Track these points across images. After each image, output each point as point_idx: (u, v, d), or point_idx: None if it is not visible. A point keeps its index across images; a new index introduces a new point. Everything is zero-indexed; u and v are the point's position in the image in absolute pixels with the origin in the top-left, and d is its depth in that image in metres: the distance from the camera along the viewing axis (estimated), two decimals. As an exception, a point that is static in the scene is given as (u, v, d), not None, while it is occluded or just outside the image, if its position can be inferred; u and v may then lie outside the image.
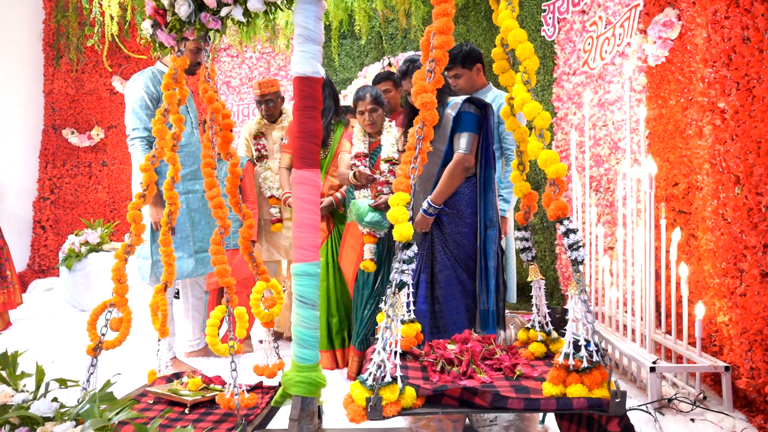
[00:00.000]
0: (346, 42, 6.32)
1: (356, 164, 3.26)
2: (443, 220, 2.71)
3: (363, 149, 3.30)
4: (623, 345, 3.10)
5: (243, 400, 1.98)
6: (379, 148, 3.31)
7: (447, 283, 2.68)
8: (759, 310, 2.45)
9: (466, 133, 2.66)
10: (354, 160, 3.29)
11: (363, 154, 3.29)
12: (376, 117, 3.27)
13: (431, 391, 1.66)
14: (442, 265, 2.69)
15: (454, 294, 2.68)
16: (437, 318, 2.69)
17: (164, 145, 2.25)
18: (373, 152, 3.33)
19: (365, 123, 3.28)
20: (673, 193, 3.25)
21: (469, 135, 2.64)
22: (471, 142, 2.65)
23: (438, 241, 2.70)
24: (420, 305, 2.68)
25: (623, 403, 1.58)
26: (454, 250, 2.69)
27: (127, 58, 6.76)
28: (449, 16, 1.73)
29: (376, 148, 3.32)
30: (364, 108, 3.26)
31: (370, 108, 3.25)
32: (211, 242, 2.15)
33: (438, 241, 2.70)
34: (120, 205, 6.84)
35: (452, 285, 2.68)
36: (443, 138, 2.69)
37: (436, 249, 2.71)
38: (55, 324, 4.82)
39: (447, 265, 2.69)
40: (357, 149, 3.30)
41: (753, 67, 2.49)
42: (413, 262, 1.67)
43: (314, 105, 1.88)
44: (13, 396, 1.70)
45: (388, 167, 3.21)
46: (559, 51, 4.67)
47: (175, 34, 2.12)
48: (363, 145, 3.31)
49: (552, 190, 1.71)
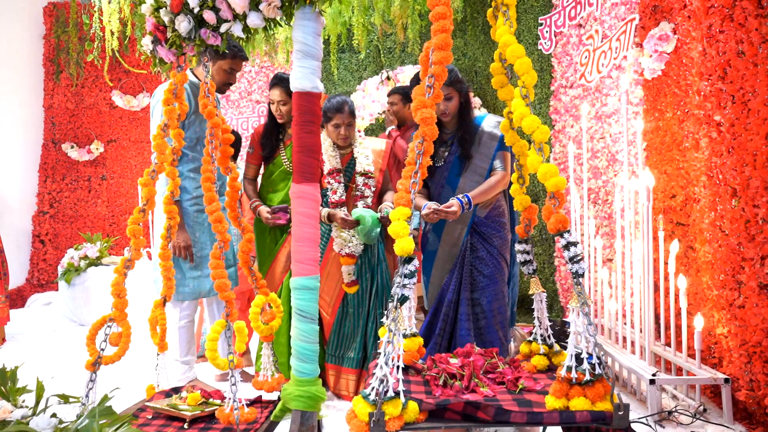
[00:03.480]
0: (345, 56, 6.36)
1: (330, 182, 3.06)
2: (488, 232, 2.73)
3: (336, 165, 3.09)
4: (623, 357, 3.10)
5: (242, 414, 1.98)
6: (353, 161, 3.13)
7: (493, 297, 2.69)
8: (758, 321, 2.46)
9: (509, 153, 2.71)
10: (328, 177, 3.07)
11: (336, 170, 3.08)
12: (351, 131, 3.09)
13: (434, 405, 1.66)
14: (488, 280, 2.69)
15: (500, 308, 2.70)
16: (483, 334, 2.68)
17: (164, 159, 2.26)
18: (347, 167, 3.13)
19: (339, 137, 3.06)
20: (670, 205, 3.26)
21: (511, 155, 2.59)
22: (511, 163, 2.71)
23: (483, 256, 2.71)
24: (462, 323, 2.67)
25: (626, 416, 1.58)
26: (498, 265, 2.71)
27: (127, 72, 6.80)
28: (447, 32, 1.75)
29: (349, 161, 3.13)
30: (341, 121, 3.03)
31: (347, 122, 3.04)
32: (211, 256, 2.15)
33: (482, 257, 2.71)
34: (119, 219, 6.85)
35: (499, 299, 2.70)
36: (485, 156, 2.73)
37: (478, 265, 2.71)
38: (54, 338, 4.80)
39: (493, 280, 2.69)
40: (330, 165, 3.08)
41: (748, 81, 2.51)
42: (414, 276, 1.67)
43: (313, 120, 1.90)
44: (12, 412, 1.69)
45: (363, 180, 3.08)
46: (556, 64, 4.71)
47: (175, 50, 2.14)
48: (335, 161, 3.10)
49: (552, 203, 1.72)
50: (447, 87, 2.69)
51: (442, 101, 2.73)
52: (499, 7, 1.96)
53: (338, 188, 3.06)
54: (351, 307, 3.10)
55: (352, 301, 3.10)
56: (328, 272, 3.13)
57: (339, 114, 3.03)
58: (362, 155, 3.12)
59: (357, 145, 3.15)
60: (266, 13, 1.87)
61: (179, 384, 2.86)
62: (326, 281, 3.12)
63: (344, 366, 3.10)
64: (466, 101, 2.79)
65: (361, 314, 3.08)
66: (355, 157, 3.13)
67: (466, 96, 2.79)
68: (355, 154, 3.14)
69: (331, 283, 3.12)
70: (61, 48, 6.70)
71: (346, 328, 3.11)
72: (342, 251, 3.03)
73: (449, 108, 2.73)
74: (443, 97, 2.64)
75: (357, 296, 3.09)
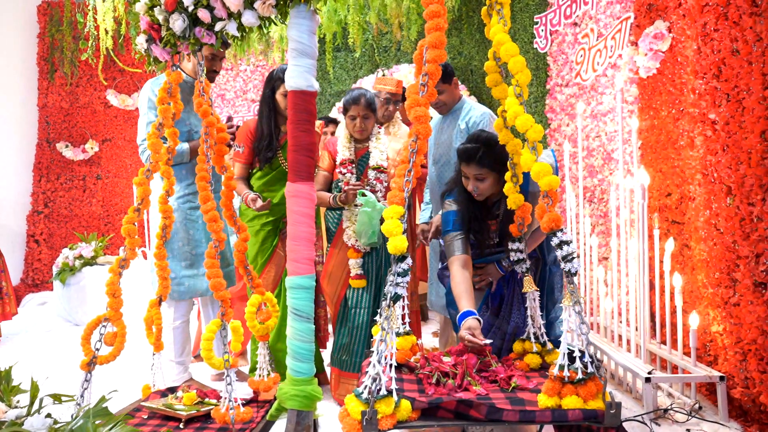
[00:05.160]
0: (340, 55, 6.36)
1: (342, 171, 3.05)
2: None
3: (349, 156, 3.07)
4: (618, 355, 3.11)
5: (238, 414, 1.97)
6: (367, 155, 3.09)
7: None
8: (753, 319, 2.46)
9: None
10: (340, 167, 3.06)
11: (349, 161, 3.06)
12: (368, 124, 3.05)
13: (427, 403, 1.66)
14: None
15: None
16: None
17: (159, 159, 2.26)
18: (360, 159, 3.10)
19: (355, 128, 3.04)
20: (666, 203, 3.27)
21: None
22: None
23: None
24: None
25: (618, 414, 1.59)
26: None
27: (122, 71, 6.78)
28: (442, 30, 1.74)
29: (364, 155, 3.10)
30: (357, 113, 3.02)
31: (363, 114, 3.02)
32: (206, 255, 2.15)
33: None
34: (114, 218, 6.83)
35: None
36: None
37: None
38: (49, 338, 4.78)
39: None
40: (343, 156, 3.07)
41: (742, 79, 2.52)
42: (408, 274, 1.67)
43: (308, 119, 1.89)
44: (6, 412, 1.69)
45: (375, 175, 3.04)
46: (551, 63, 4.71)
47: (169, 49, 2.13)
48: (349, 152, 3.08)
49: (545, 202, 1.72)
50: (479, 167, 2.24)
51: (472, 181, 2.29)
52: (494, 5, 1.96)
53: (351, 179, 3.04)
54: (349, 308, 3.06)
55: (351, 300, 3.06)
56: (332, 269, 3.13)
57: (355, 105, 3.01)
58: (377, 150, 3.08)
59: (374, 140, 3.11)
60: (261, 12, 1.87)
61: (174, 384, 2.86)
62: (329, 277, 3.14)
63: (344, 370, 3.05)
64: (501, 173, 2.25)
65: (363, 316, 3.03)
66: (370, 151, 3.09)
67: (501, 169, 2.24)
68: (370, 148, 3.09)
69: (334, 281, 3.13)
70: (56, 47, 6.67)
71: (345, 329, 3.08)
72: (349, 242, 3.02)
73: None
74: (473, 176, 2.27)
75: (359, 296, 3.05)
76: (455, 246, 2.33)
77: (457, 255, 2.30)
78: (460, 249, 2.31)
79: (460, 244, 2.32)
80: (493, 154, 2.21)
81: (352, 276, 3.03)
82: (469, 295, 2.18)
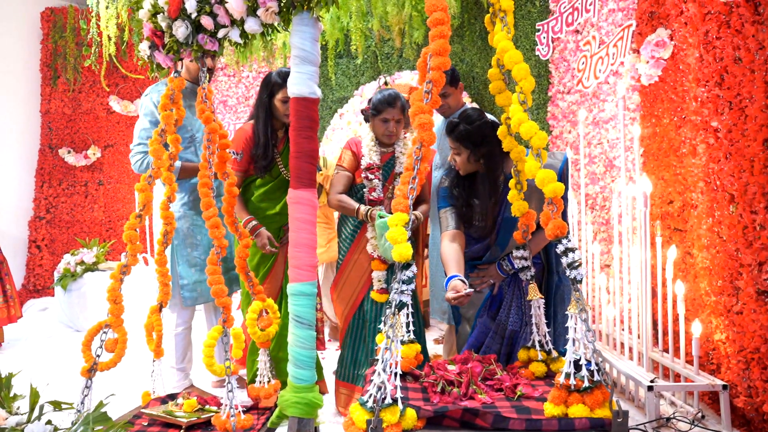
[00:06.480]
0: (343, 61, 6.36)
1: (369, 177, 2.88)
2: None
3: (376, 161, 2.89)
4: (621, 363, 3.09)
5: (239, 421, 1.96)
6: (392, 160, 2.94)
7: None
8: (756, 328, 2.45)
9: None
10: (366, 172, 2.88)
11: (376, 166, 2.89)
12: (400, 128, 2.90)
13: (432, 412, 1.65)
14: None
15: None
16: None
17: (161, 165, 2.26)
18: (386, 164, 2.94)
19: (386, 132, 2.87)
20: (668, 211, 3.26)
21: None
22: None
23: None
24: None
25: (625, 422, 1.58)
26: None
27: (125, 78, 6.79)
28: (445, 37, 1.75)
29: (388, 159, 2.94)
30: (391, 116, 2.84)
31: (397, 118, 2.85)
32: (208, 262, 2.14)
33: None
34: (116, 224, 6.82)
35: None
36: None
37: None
38: (50, 344, 4.77)
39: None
40: (368, 160, 2.88)
41: (745, 87, 2.52)
42: (412, 282, 1.67)
43: (311, 125, 1.89)
44: (6, 419, 1.68)
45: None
46: (553, 70, 4.72)
47: (172, 56, 2.14)
48: (376, 156, 2.90)
49: (550, 209, 1.72)
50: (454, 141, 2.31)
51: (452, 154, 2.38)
52: (497, 13, 1.96)
53: (377, 186, 2.88)
54: (368, 321, 2.90)
55: (369, 314, 2.90)
56: (346, 278, 2.96)
57: (390, 108, 2.84)
58: (404, 155, 2.92)
59: (401, 145, 2.96)
60: (264, 19, 1.87)
61: (175, 391, 2.85)
62: (343, 287, 2.97)
63: (357, 385, 2.89)
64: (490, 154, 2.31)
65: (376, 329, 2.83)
66: (396, 156, 2.95)
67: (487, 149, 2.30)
68: (396, 154, 2.95)
69: (348, 290, 2.96)
70: (59, 53, 6.68)
71: (361, 343, 2.92)
72: (374, 253, 2.87)
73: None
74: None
75: (374, 309, 2.89)
76: (447, 221, 2.39)
77: (449, 230, 2.36)
78: (451, 224, 2.37)
79: (451, 219, 2.38)
80: (469, 131, 2.26)
81: (376, 289, 2.87)
82: (457, 264, 2.21)
